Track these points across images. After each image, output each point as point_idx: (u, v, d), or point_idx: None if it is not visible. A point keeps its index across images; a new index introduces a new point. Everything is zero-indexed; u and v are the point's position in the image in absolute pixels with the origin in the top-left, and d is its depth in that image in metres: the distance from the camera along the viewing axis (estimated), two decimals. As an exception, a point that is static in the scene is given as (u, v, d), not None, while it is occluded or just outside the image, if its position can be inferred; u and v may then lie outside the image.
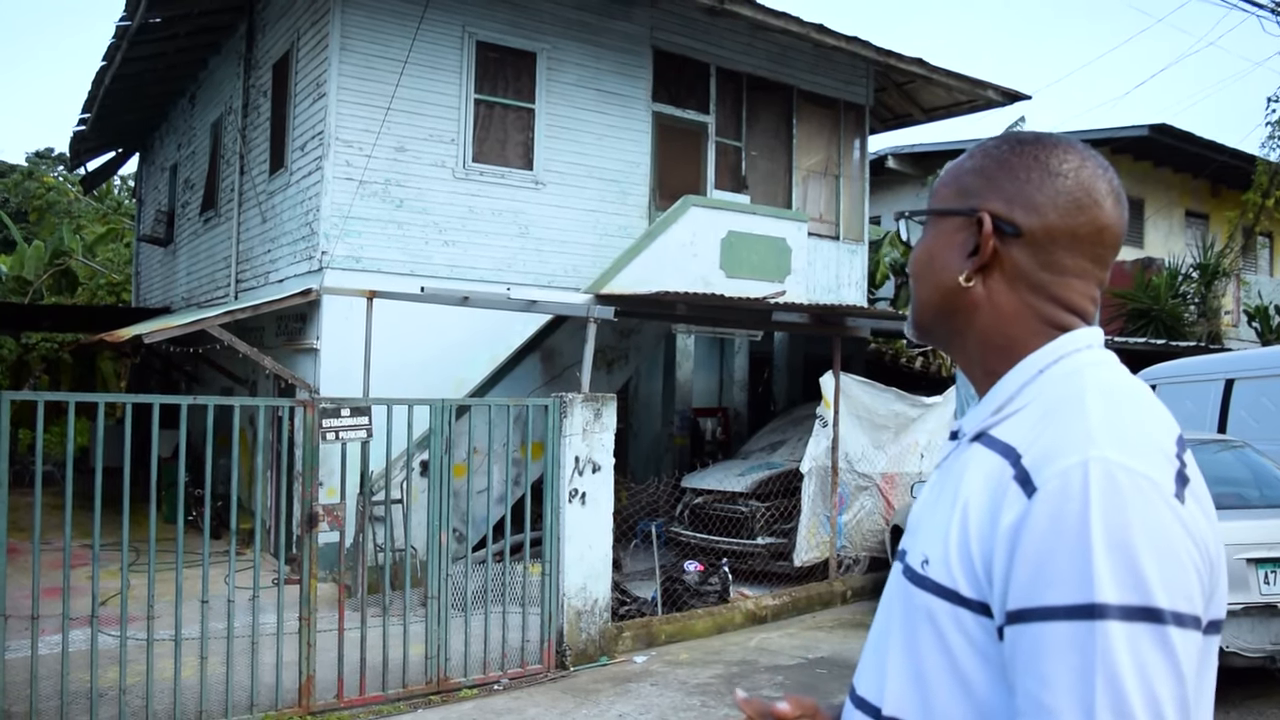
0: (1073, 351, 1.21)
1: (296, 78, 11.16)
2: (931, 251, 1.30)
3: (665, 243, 10.77)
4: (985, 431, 1.20)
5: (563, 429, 7.48)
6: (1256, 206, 16.29)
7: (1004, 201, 1.24)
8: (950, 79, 14.04)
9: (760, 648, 8.05)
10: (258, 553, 6.27)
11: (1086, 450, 1.05)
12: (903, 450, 10.81)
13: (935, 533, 1.17)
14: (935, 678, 1.14)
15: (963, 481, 1.17)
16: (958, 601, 1.11)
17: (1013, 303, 1.24)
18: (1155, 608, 0.99)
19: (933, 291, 1.29)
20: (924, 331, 1.35)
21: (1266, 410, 8.79)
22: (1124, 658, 0.98)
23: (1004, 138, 1.30)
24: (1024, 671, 1.03)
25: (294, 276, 10.79)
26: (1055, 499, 1.04)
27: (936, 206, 1.30)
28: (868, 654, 1.27)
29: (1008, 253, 1.23)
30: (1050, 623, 1.01)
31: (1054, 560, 1.02)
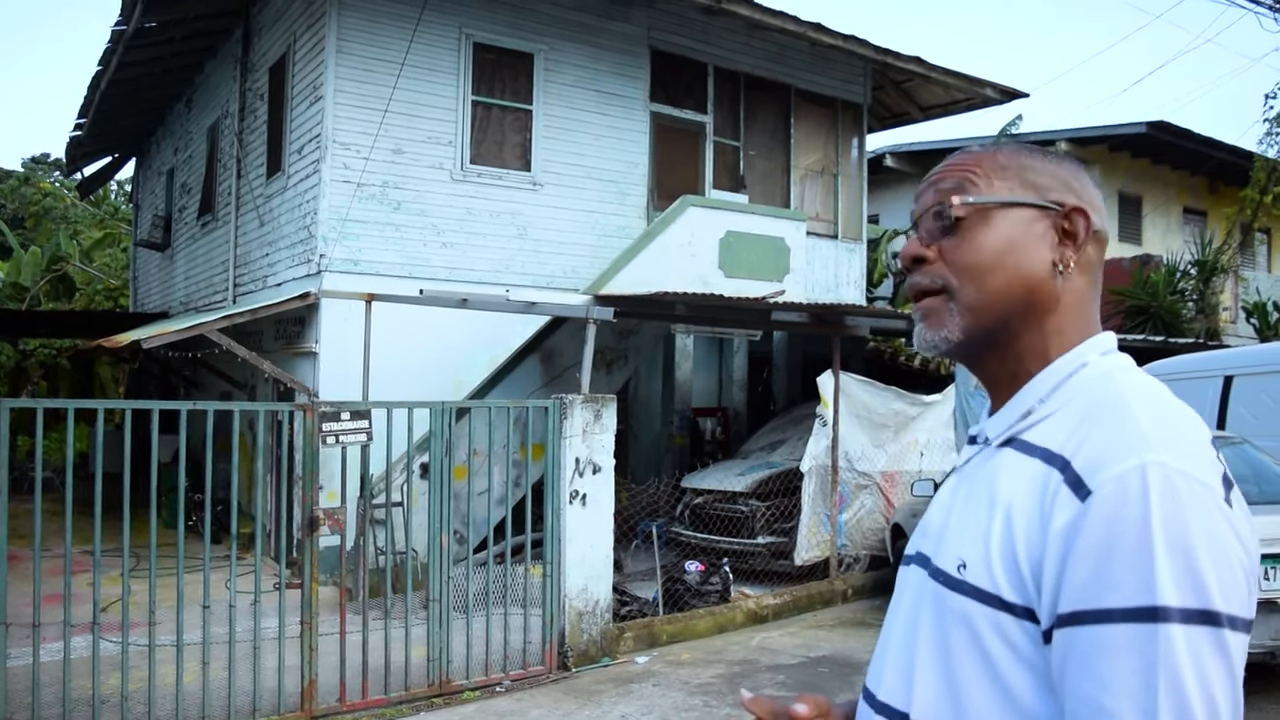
0: (1098, 355, 1.23)
1: (293, 81, 11.16)
2: (1012, 241, 1.23)
3: (664, 243, 10.76)
4: (1016, 436, 1.20)
5: (563, 430, 7.47)
6: (1254, 203, 16.30)
7: (1076, 198, 1.26)
8: (948, 77, 14.04)
9: (762, 647, 8.05)
10: (259, 557, 6.26)
11: (1143, 455, 1.04)
12: (902, 448, 10.81)
13: (971, 537, 1.16)
14: (970, 684, 1.12)
15: (998, 486, 1.16)
16: (1000, 606, 1.11)
17: (1081, 299, 1.26)
18: (1214, 611, 1.00)
19: (1011, 282, 1.22)
20: (980, 330, 1.24)
21: (1265, 407, 8.79)
22: (1185, 660, 0.98)
23: (1023, 144, 1.32)
24: (1078, 674, 1.03)
25: (292, 280, 10.78)
26: (1113, 502, 1.03)
27: (1012, 198, 1.24)
28: (888, 659, 1.25)
29: (1085, 248, 1.26)
30: (1109, 625, 1.01)
31: (1113, 563, 1.02)
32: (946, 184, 1.28)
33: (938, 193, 1.28)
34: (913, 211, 1.33)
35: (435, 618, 6.71)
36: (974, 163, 1.28)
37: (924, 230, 1.29)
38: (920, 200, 1.32)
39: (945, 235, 1.26)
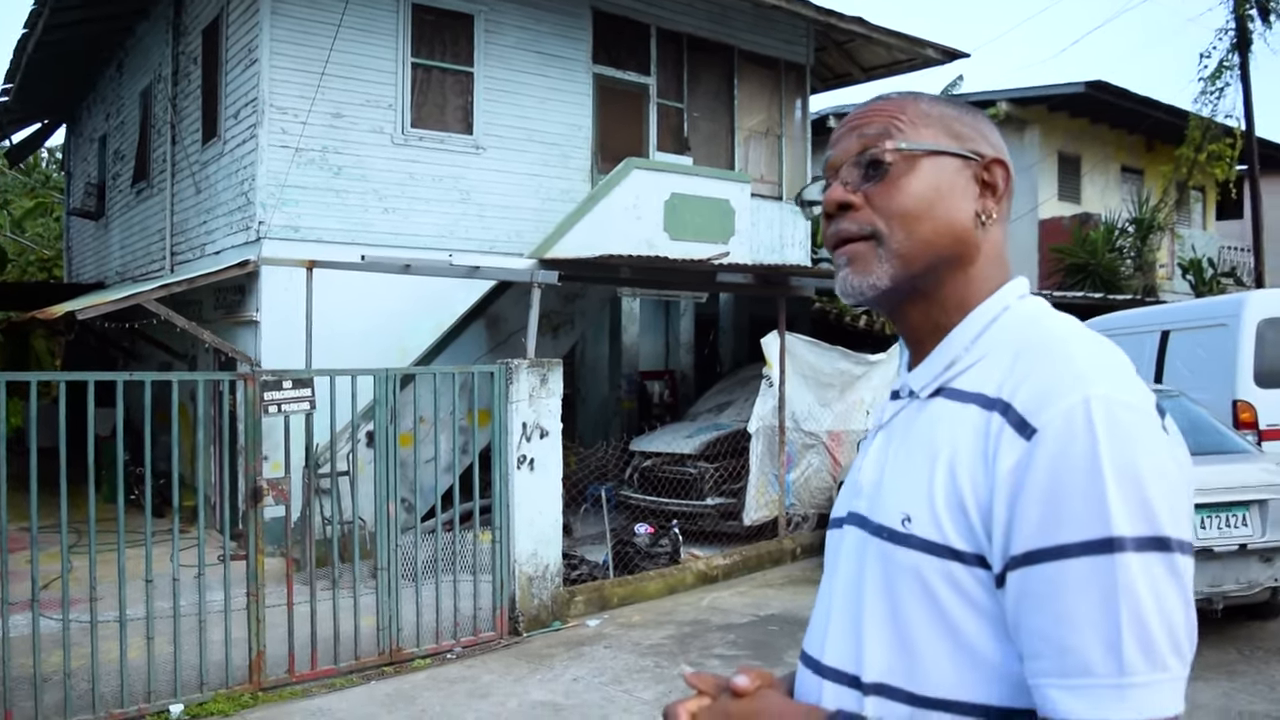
0: (1016, 299, 1.23)
1: (227, 43, 10.88)
2: (940, 190, 1.22)
3: (608, 206, 10.72)
4: (946, 385, 1.20)
5: (509, 395, 7.44)
6: (1189, 161, 16.55)
7: (994, 150, 1.27)
8: (890, 38, 14.07)
9: (712, 607, 8.12)
10: (202, 530, 6.17)
11: (1085, 389, 1.05)
12: (848, 408, 10.90)
13: (913, 490, 1.15)
14: (923, 637, 1.12)
15: (936, 436, 1.16)
16: (949, 556, 1.10)
17: (999, 249, 1.27)
18: (1165, 536, 1.02)
19: (940, 231, 1.22)
20: (909, 279, 1.23)
21: (1201, 360, 8.99)
22: (1143, 588, 0.99)
23: (933, 94, 1.32)
24: (1036, 613, 1.03)
25: (231, 248, 10.57)
26: (1060, 438, 1.04)
27: (938, 147, 1.23)
28: (832, 622, 1.24)
29: (1003, 200, 1.27)
30: (1066, 560, 1.01)
31: (1065, 498, 1.02)
32: (871, 130, 1.25)
33: (861, 138, 1.25)
34: (829, 156, 1.30)
35: (384, 586, 6.67)
36: (897, 109, 1.26)
37: (847, 176, 1.26)
38: (839, 145, 1.28)
39: (871, 181, 1.23)
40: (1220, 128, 16.32)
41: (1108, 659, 0.99)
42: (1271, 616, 6.90)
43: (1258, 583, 6.26)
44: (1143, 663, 0.99)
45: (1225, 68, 15.90)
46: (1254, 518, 6.22)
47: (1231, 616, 6.54)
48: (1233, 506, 6.21)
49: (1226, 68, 15.90)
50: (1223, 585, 6.17)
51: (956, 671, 1.10)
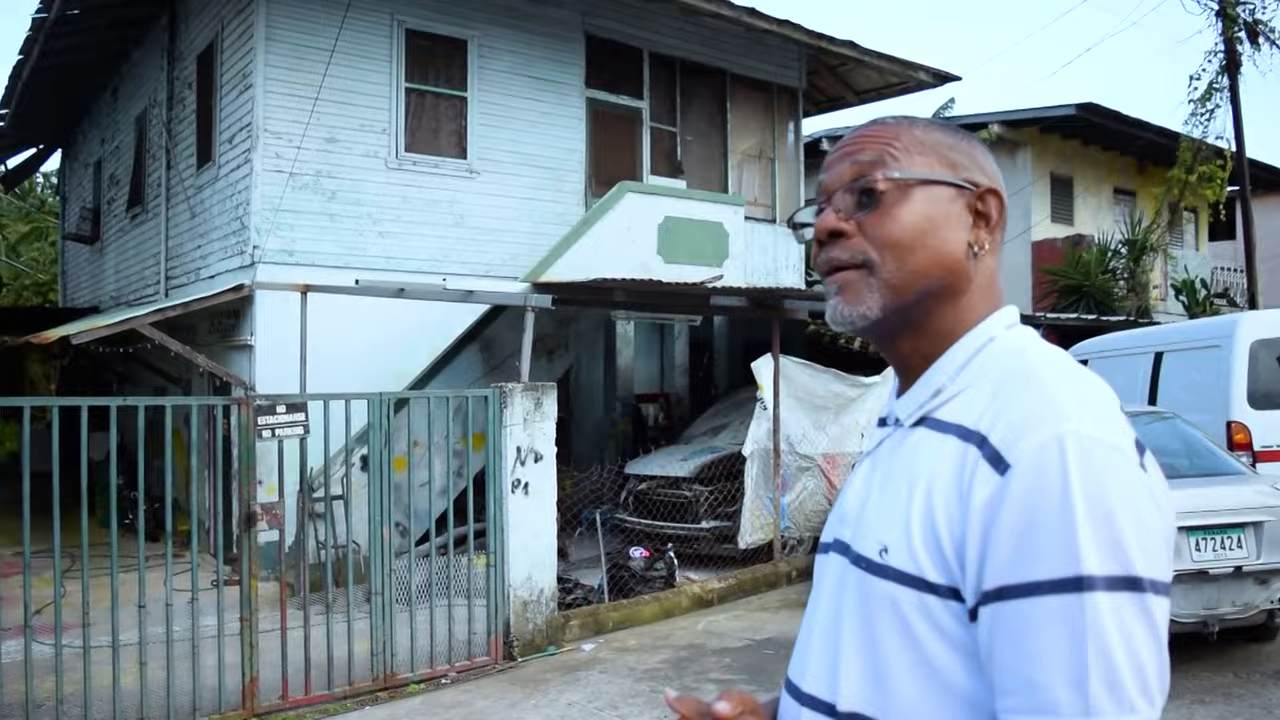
0: (1003, 329, 1.23)
1: (222, 69, 10.93)
2: (933, 220, 1.22)
3: (602, 230, 10.75)
4: (929, 415, 1.20)
5: (503, 419, 7.43)
6: (1181, 182, 16.65)
7: (988, 179, 1.27)
8: (882, 61, 14.16)
9: (708, 631, 8.09)
10: (195, 554, 6.16)
11: (1059, 425, 1.05)
12: (843, 430, 10.90)
13: (891, 520, 1.16)
14: (897, 668, 1.12)
15: (915, 466, 1.16)
16: (924, 588, 1.10)
17: (991, 279, 1.27)
18: (1137, 576, 1.01)
19: (932, 262, 1.21)
20: (900, 310, 1.23)
21: (1195, 382, 9.00)
22: (1111, 628, 0.99)
23: (930, 119, 1.32)
24: (1006, 649, 1.03)
25: (226, 272, 10.58)
26: (1032, 474, 1.04)
27: (933, 176, 1.23)
28: (812, 649, 1.24)
29: (997, 231, 1.27)
30: (1035, 598, 1.01)
31: (1036, 535, 1.02)
32: (865, 156, 1.25)
33: (855, 165, 1.25)
34: (822, 181, 1.29)
35: (378, 611, 6.64)
36: (891, 135, 1.26)
37: (839, 203, 1.25)
38: (832, 170, 1.28)
39: (864, 209, 1.23)
40: (1211, 149, 16.42)
41: (1074, 698, 0.99)
42: (1268, 639, 6.87)
43: (1254, 605, 6.25)
44: (1109, 703, 0.98)
45: (1215, 90, 16.00)
46: (1249, 540, 6.22)
47: (1228, 639, 6.52)
48: (1228, 529, 6.21)
49: (1216, 90, 16.01)
50: (1218, 608, 6.16)
51: (929, 702, 1.10)
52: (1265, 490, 6.52)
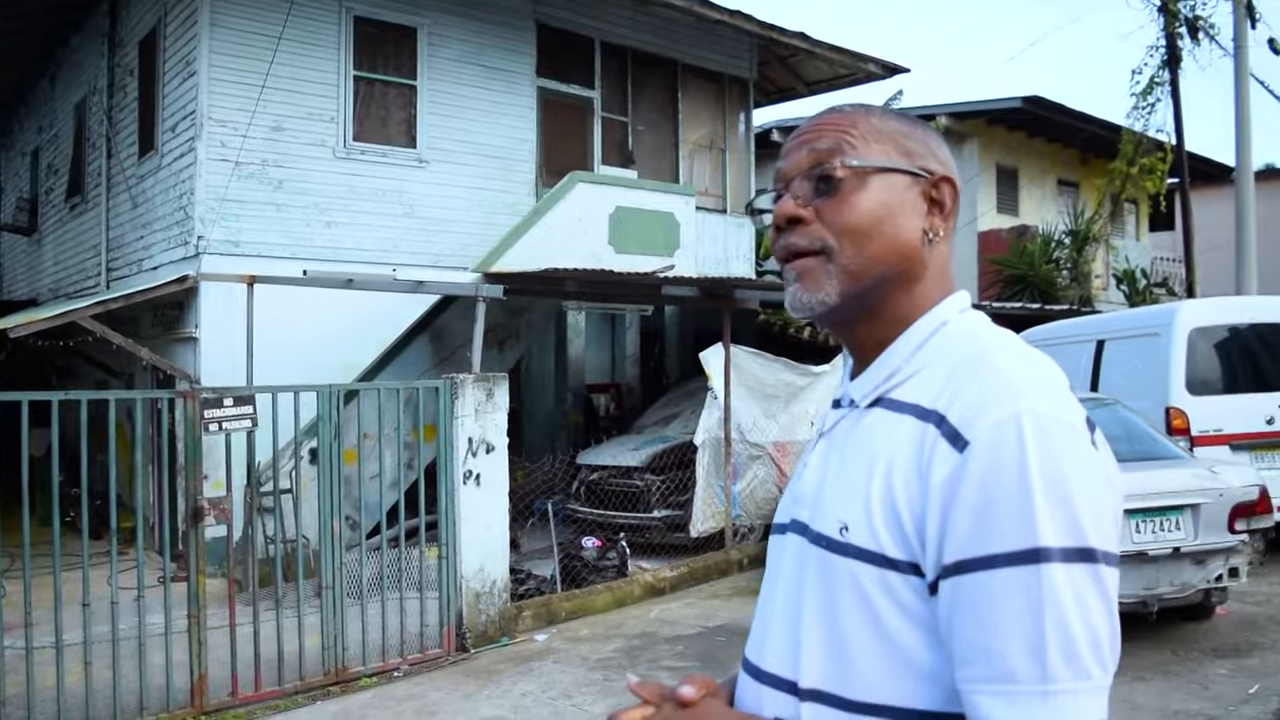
0: (956, 314, 1.26)
1: (165, 55, 10.73)
2: (890, 207, 1.24)
3: (553, 220, 10.72)
4: (885, 396, 1.22)
5: (455, 410, 7.40)
6: (1123, 175, 16.93)
7: (943, 167, 1.29)
8: (832, 53, 14.24)
9: (660, 619, 8.13)
10: (140, 551, 6.05)
11: (1016, 404, 1.07)
12: (793, 419, 10.98)
13: (850, 498, 1.17)
14: (859, 643, 1.13)
15: (873, 445, 1.18)
16: (885, 564, 1.12)
17: (944, 265, 1.29)
18: (1091, 548, 1.05)
19: (888, 248, 1.23)
20: (857, 296, 1.24)
21: (1135, 369, 9.19)
22: (1067, 597, 1.02)
23: (886, 108, 1.34)
24: (966, 621, 1.05)
25: (169, 263, 10.40)
26: (990, 451, 1.06)
27: (889, 164, 1.25)
28: (771, 628, 1.26)
29: (950, 218, 1.29)
30: (994, 570, 1.04)
31: (995, 509, 1.05)
32: (823, 144, 1.26)
33: (813, 152, 1.26)
34: (780, 168, 1.31)
35: (329, 605, 6.59)
36: (849, 123, 1.27)
37: (798, 190, 1.27)
38: (791, 157, 1.29)
39: (822, 196, 1.25)
40: (1152, 142, 16.72)
41: (1032, 666, 1.02)
42: (1204, 618, 7.06)
43: (1191, 585, 6.41)
44: (1066, 670, 1.01)
45: (1156, 84, 16.29)
46: (1187, 522, 6.37)
47: (1167, 618, 6.68)
48: (1166, 511, 6.35)
49: (1158, 84, 16.30)
50: (1157, 588, 6.31)
51: (890, 677, 1.12)
52: (1202, 474, 6.68)
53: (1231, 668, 6.09)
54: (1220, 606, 7.13)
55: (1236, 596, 7.37)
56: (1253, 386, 8.83)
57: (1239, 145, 14.77)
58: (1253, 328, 9.08)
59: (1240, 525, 6.44)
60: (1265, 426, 8.69)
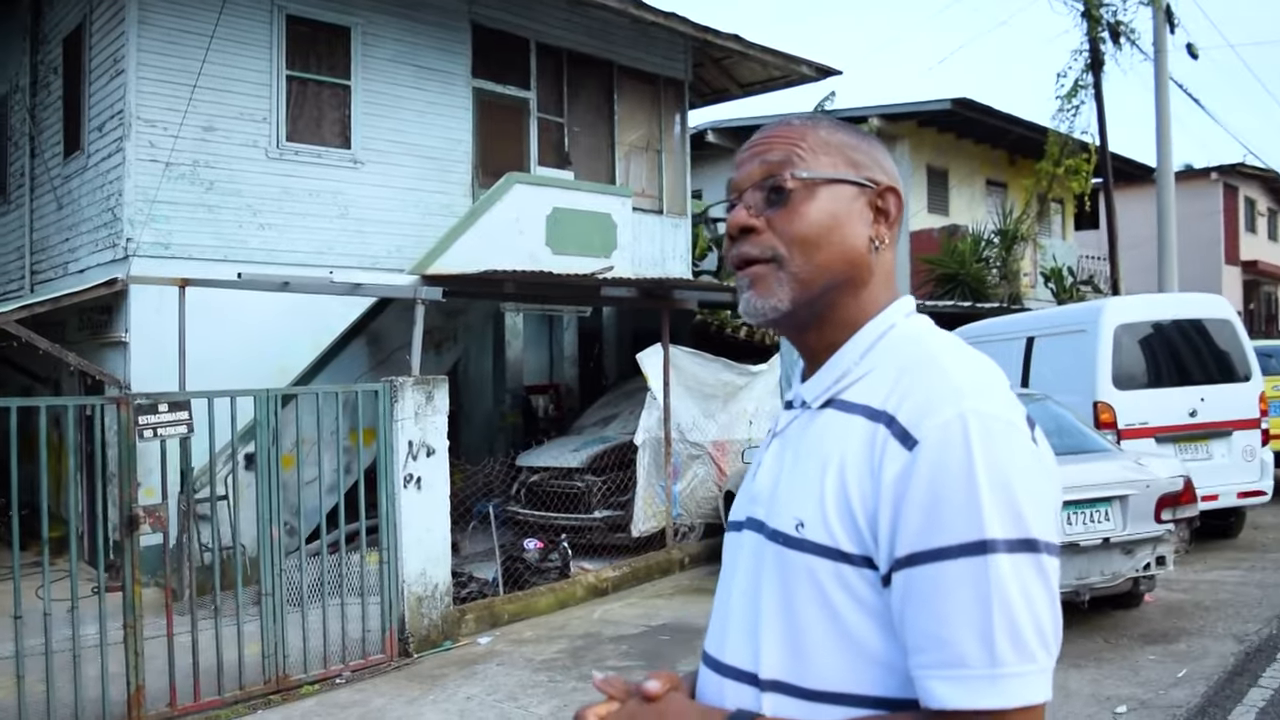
0: (903, 318, 1.31)
1: (91, 53, 10.48)
2: (838, 217, 1.29)
3: (490, 221, 10.68)
4: (836, 397, 1.27)
5: (394, 414, 7.35)
6: (1049, 175, 17.34)
7: (888, 177, 1.34)
8: (766, 55, 14.38)
9: (604, 619, 8.15)
10: (74, 561, 5.91)
11: (960, 404, 1.13)
12: (732, 418, 11.08)
13: (805, 496, 1.22)
14: (816, 635, 1.18)
15: (826, 445, 1.23)
16: (839, 558, 1.17)
17: (889, 271, 1.34)
18: (1033, 539, 1.11)
19: (837, 256, 1.28)
20: (807, 302, 1.29)
21: (1064, 365, 9.42)
22: (1012, 585, 1.08)
23: (834, 120, 1.39)
24: (918, 611, 1.10)
25: (97, 266, 10.17)
26: (938, 449, 1.11)
27: (837, 175, 1.30)
28: (730, 623, 1.29)
29: (895, 226, 1.34)
30: (944, 561, 1.09)
31: (943, 504, 1.10)
32: (774, 156, 1.31)
33: (764, 164, 1.31)
34: (733, 179, 1.35)
35: (269, 612, 6.50)
36: (798, 136, 1.32)
37: (750, 200, 1.31)
38: (742, 169, 1.34)
39: (773, 206, 1.29)
40: (1077, 143, 17.14)
41: (982, 651, 1.07)
42: (1134, 606, 7.27)
43: (1121, 574, 6.59)
44: (1013, 655, 1.07)
45: (1080, 87, 16.72)
46: (1116, 513, 6.55)
47: (1098, 607, 6.87)
48: (1096, 503, 6.53)
49: (1082, 87, 16.73)
50: (1088, 578, 6.48)
51: (846, 666, 1.17)
52: (1130, 466, 6.88)
53: (1160, 653, 6.28)
54: (1148, 594, 7.35)
55: (1163, 585, 7.61)
56: (1176, 381, 9.10)
57: (1160, 146, 15.21)
58: (1175, 323, 9.35)
59: (1166, 515, 6.65)
60: (1188, 419, 8.96)
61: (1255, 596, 7.51)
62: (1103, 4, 16.30)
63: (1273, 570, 8.31)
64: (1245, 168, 28.39)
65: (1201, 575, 8.26)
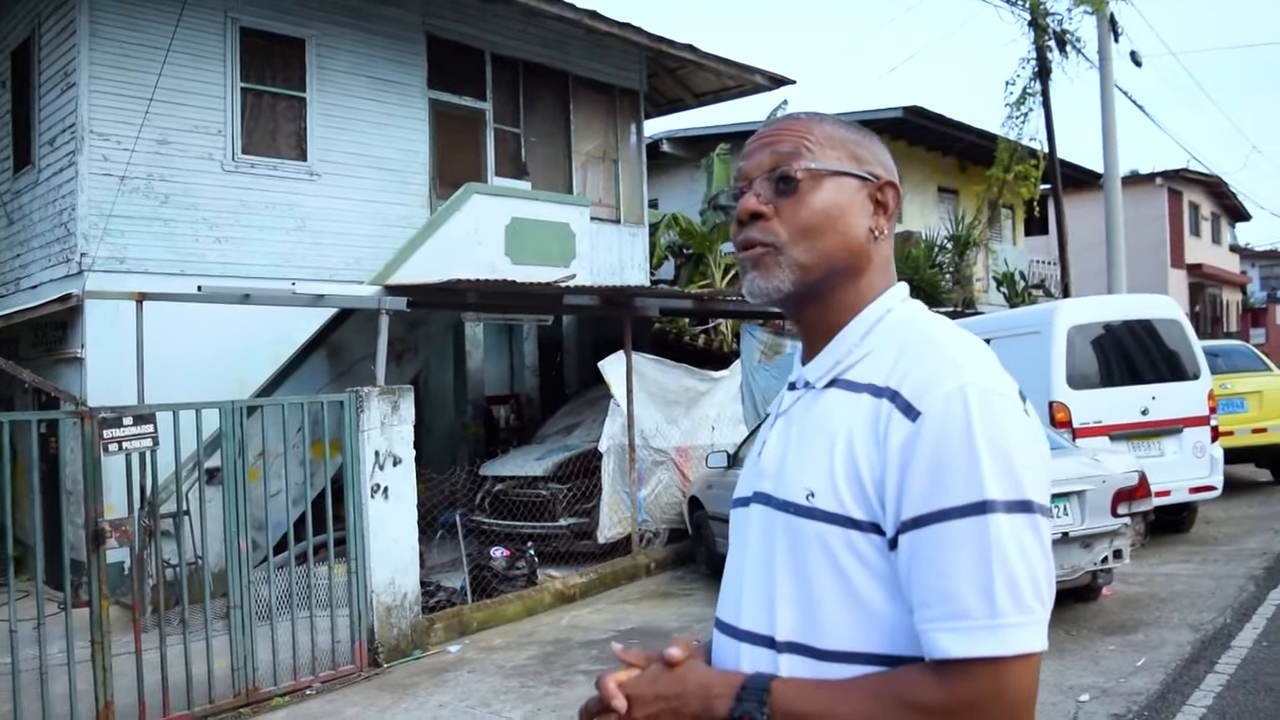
0: (899, 302, 1.40)
1: (40, 66, 10.36)
2: (841, 208, 1.37)
3: (449, 232, 10.69)
4: (839, 377, 1.35)
5: (360, 424, 7.33)
6: (1000, 181, 17.64)
7: (887, 173, 1.43)
8: (720, 64, 14.51)
9: (572, 625, 8.17)
10: (40, 578, 5.84)
11: (960, 378, 1.22)
12: (695, 424, 11.15)
13: (815, 468, 1.29)
14: (828, 598, 1.26)
15: (833, 421, 1.31)
16: (849, 525, 1.25)
17: (887, 260, 1.44)
18: (1029, 500, 1.19)
19: (839, 244, 1.37)
20: (808, 285, 1.37)
21: (1019, 366, 9.53)
22: (1010, 543, 1.16)
23: (835, 117, 1.46)
24: (923, 568, 1.18)
25: (50, 281, 10.03)
26: (940, 419, 1.20)
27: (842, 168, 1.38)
28: (745, 590, 1.37)
29: (893, 218, 1.43)
30: (947, 522, 1.17)
31: (946, 469, 1.18)
32: (783, 147, 1.39)
33: (774, 154, 1.39)
34: (742, 168, 1.43)
35: (237, 625, 6.46)
36: (806, 130, 1.41)
37: (759, 188, 1.39)
38: (751, 158, 1.42)
39: (781, 195, 1.37)
40: (1026, 150, 17.46)
41: (983, 604, 1.15)
42: (1092, 598, 7.42)
43: (1080, 567, 6.74)
44: (1012, 606, 1.15)
45: (1029, 94, 17.04)
46: (1074, 508, 6.70)
47: (1059, 600, 6.94)
48: (1055, 498, 6.66)
49: (1030, 94, 17.04)
50: (1050, 573, 6.59)
51: (857, 627, 1.25)
52: (1086, 462, 7.04)
53: (1119, 644, 6.43)
54: (1106, 588, 7.50)
55: (1120, 578, 7.78)
56: (1127, 380, 9.31)
57: (1106, 152, 15.54)
58: (1126, 324, 9.56)
59: (1123, 509, 6.81)
60: (1140, 417, 9.16)
61: (1209, 588, 7.70)
62: (1049, 13, 16.64)
63: (1225, 563, 8.51)
64: (1189, 173, 29.05)
65: (1156, 569, 8.45)
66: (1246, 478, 12.60)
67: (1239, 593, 7.46)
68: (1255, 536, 9.50)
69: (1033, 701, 1.18)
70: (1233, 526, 10.09)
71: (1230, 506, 10.78)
